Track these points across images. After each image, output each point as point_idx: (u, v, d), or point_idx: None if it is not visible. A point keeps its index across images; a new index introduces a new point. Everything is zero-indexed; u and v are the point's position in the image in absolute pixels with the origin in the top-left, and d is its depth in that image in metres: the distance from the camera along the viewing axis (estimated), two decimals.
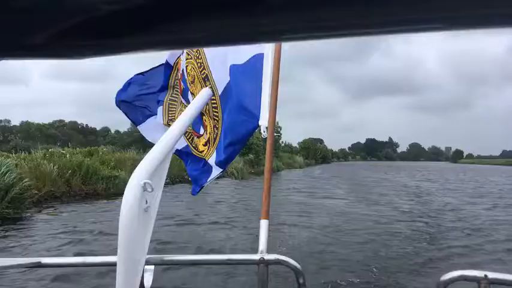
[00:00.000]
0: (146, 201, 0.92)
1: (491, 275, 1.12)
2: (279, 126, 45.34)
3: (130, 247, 0.88)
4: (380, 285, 6.21)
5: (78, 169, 14.23)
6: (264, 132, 1.96)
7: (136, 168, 0.95)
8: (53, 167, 13.24)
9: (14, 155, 15.51)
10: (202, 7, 0.30)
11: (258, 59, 2.07)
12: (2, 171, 10.31)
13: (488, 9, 0.28)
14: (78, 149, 20.48)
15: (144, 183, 0.89)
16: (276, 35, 0.37)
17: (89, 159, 15.69)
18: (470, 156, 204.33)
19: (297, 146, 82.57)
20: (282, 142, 55.65)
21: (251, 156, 37.57)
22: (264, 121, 1.93)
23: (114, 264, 0.92)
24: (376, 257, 7.68)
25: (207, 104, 2.15)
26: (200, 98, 1.55)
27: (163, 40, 0.34)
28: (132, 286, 0.90)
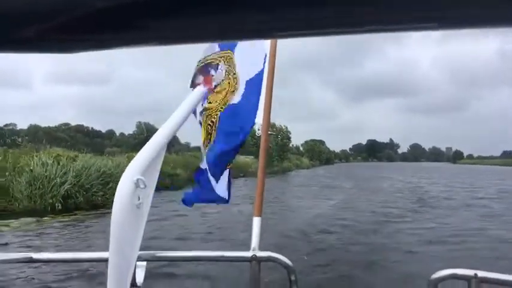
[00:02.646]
0: (139, 198, 0.92)
1: (481, 273, 1.13)
2: (288, 131, 50.48)
3: (122, 243, 0.89)
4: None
5: None
6: (259, 130, 1.97)
7: (129, 164, 0.95)
8: None
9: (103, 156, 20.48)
10: (195, 3, 0.30)
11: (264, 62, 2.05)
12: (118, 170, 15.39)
13: (480, 9, 0.29)
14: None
15: (137, 180, 0.89)
16: (270, 32, 0.39)
17: None
18: (470, 156, 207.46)
19: (300, 147, 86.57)
20: (291, 145, 60.44)
21: None
22: (260, 119, 1.88)
23: (105, 260, 0.92)
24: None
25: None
26: (194, 95, 1.52)
27: (154, 36, 0.35)
28: (124, 282, 0.92)
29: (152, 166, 1.02)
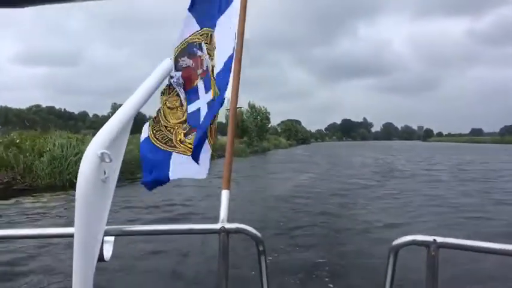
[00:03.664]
0: (105, 172, 0.91)
1: (440, 239, 1.18)
2: (267, 112, 52.78)
3: (88, 218, 0.88)
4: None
5: None
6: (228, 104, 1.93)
7: (93, 138, 0.93)
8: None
9: None
10: None
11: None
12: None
13: None
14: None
15: (102, 154, 0.88)
16: None
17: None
18: (440, 134, 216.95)
19: (277, 127, 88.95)
20: (270, 126, 62.85)
21: (245, 138, 44.97)
22: (228, 93, 1.87)
23: (71, 236, 0.90)
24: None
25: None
26: (161, 68, 1.49)
27: None
28: (91, 257, 0.92)
29: (118, 140, 1.01)
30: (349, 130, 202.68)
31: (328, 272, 5.77)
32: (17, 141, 15.34)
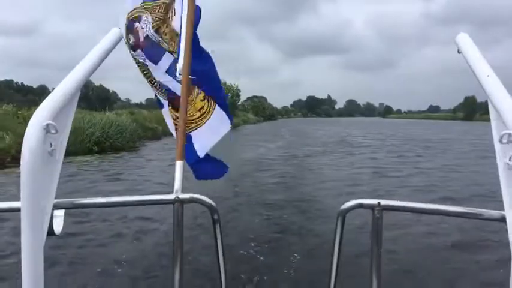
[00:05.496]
0: (51, 144, 0.89)
1: (384, 202, 1.24)
2: (238, 89, 56.38)
3: (35, 191, 0.85)
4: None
5: (137, 122, 24.78)
6: (180, 74, 1.93)
7: (37, 109, 0.90)
8: (132, 122, 23.76)
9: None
10: None
11: None
12: (122, 122, 20.93)
13: None
14: (124, 110, 31.03)
15: (47, 125, 0.85)
16: None
17: (133, 117, 26.43)
18: (399, 111, 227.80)
19: (244, 104, 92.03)
20: (240, 102, 66.49)
21: None
22: (180, 63, 1.88)
23: (18, 210, 0.88)
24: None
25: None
26: (109, 37, 1.42)
27: None
28: (39, 231, 0.89)
29: (64, 111, 0.98)
30: (314, 107, 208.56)
31: (280, 227, 6.62)
32: None
